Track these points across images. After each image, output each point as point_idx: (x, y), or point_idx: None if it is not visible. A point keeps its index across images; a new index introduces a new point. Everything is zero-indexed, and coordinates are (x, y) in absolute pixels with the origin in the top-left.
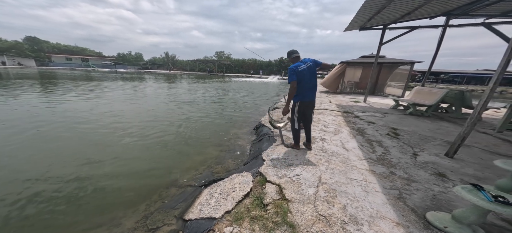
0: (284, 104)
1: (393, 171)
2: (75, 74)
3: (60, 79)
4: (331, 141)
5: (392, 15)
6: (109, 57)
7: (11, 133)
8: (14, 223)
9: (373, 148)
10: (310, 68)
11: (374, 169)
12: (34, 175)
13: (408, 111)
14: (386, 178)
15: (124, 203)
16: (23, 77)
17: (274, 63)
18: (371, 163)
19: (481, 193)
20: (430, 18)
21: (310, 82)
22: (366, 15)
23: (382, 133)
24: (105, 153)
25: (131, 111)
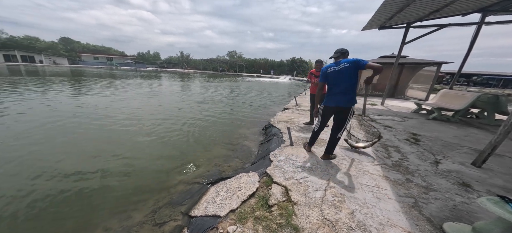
0: (293, 105)
1: (410, 178)
2: (100, 72)
3: (87, 77)
4: (340, 144)
5: (417, 12)
6: (130, 56)
7: (35, 126)
8: (28, 213)
9: (389, 153)
10: (344, 71)
11: (388, 175)
12: (51, 166)
13: (432, 116)
14: (402, 185)
15: (135, 197)
16: (56, 74)
17: (286, 63)
18: (386, 169)
19: (509, 206)
20: (462, 15)
21: (339, 86)
22: (387, 13)
23: (400, 138)
24: (119, 148)
25: (146, 109)
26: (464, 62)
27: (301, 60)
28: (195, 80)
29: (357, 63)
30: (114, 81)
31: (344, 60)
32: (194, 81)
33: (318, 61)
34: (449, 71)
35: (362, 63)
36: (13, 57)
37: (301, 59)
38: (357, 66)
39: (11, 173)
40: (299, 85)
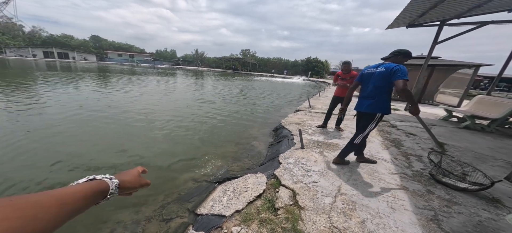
0: (306, 107)
1: (431, 190)
2: (123, 68)
3: (111, 73)
4: None
5: (454, 8)
6: (149, 53)
7: (63, 117)
8: None
9: (410, 162)
10: (377, 75)
11: (407, 185)
12: (69, 158)
13: (464, 124)
14: (421, 196)
15: (145, 191)
16: (86, 70)
17: (301, 63)
18: (404, 179)
19: None
20: (509, 11)
21: (366, 89)
22: (419, 9)
23: (424, 147)
24: (134, 142)
25: (161, 106)
26: (506, 64)
27: (317, 60)
28: (208, 78)
29: (391, 72)
30: (134, 77)
31: (386, 64)
32: (207, 79)
33: (346, 63)
34: (488, 75)
35: (394, 77)
36: (51, 54)
37: (317, 59)
38: (390, 75)
39: (35, 160)
40: (313, 86)
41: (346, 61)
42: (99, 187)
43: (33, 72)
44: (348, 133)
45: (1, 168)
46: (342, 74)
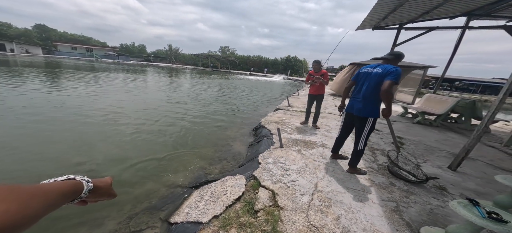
0: (286, 105)
1: (393, 181)
2: (78, 64)
3: (64, 69)
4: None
5: (409, 13)
6: (112, 47)
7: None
8: None
9: (375, 157)
10: (373, 76)
11: (374, 179)
12: (21, 167)
13: (416, 120)
14: (385, 189)
15: (109, 202)
16: (29, 65)
17: (281, 61)
18: (372, 173)
19: (476, 208)
20: (450, 18)
21: (359, 89)
22: (381, 13)
23: (387, 141)
24: (96, 149)
25: (128, 107)
26: (447, 66)
27: (296, 59)
28: (184, 76)
29: (387, 73)
30: (92, 74)
31: (384, 65)
32: (182, 78)
33: (316, 62)
34: (435, 76)
35: (387, 77)
36: None
37: (296, 58)
38: (384, 76)
39: None
40: (293, 85)
41: (317, 60)
42: (76, 188)
43: None
44: (324, 131)
45: None
46: (314, 73)
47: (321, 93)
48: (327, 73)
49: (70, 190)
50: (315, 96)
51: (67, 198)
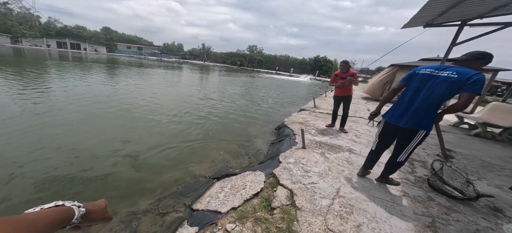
0: (311, 106)
1: (432, 196)
2: (131, 61)
3: (120, 65)
4: (360, 154)
5: (478, 7)
6: (157, 46)
7: (73, 110)
8: (47, 187)
9: (414, 168)
10: (443, 80)
11: (407, 191)
12: (75, 144)
13: (475, 132)
14: (421, 203)
15: (144, 184)
16: (95, 61)
17: (309, 61)
18: (406, 185)
19: None
20: None
21: (414, 97)
22: (439, 8)
23: (430, 152)
24: (137, 134)
25: (164, 99)
26: None
27: (326, 59)
28: (213, 73)
29: (466, 81)
30: (141, 70)
31: (460, 68)
32: (212, 74)
33: (344, 62)
34: (507, 81)
35: (468, 88)
36: (64, 44)
37: (326, 58)
38: (462, 84)
39: (53, 146)
40: (320, 86)
41: (345, 61)
42: (66, 215)
43: (45, 61)
44: (352, 135)
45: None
46: (341, 74)
47: (348, 94)
48: (356, 73)
49: (59, 217)
50: (341, 97)
51: (56, 226)
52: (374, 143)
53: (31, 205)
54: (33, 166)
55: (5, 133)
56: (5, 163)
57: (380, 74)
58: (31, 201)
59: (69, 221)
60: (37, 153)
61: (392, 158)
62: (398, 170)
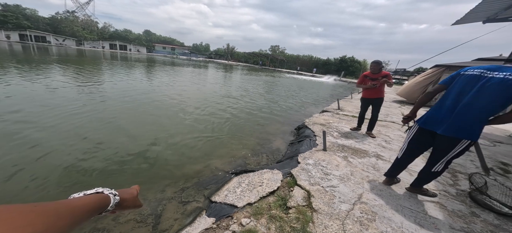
0: (334, 108)
1: (477, 212)
2: (165, 60)
3: (156, 63)
4: (389, 160)
5: None
6: (187, 47)
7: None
8: (90, 169)
9: (456, 180)
10: (496, 83)
11: (445, 204)
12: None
13: None
14: (461, 217)
15: (171, 172)
16: (137, 60)
17: (334, 61)
18: (444, 197)
19: None
20: None
21: (457, 102)
22: (507, 0)
23: (479, 165)
24: (166, 126)
25: (190, 95)
26: None
27: (353, 59)
28: (236, 71)
29: None
30: (173, 68)
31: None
32: (234, 73)
33: (375, 62)
34: None
35: None
36: (114, 46)
37: (354, 58)
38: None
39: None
40: (345, 87)
41: (376, 61)
42: (103, 203)
43: (101, 60)
44: (381, 140)
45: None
46: (371, 75)
47: (379, 96)
48: (390, 74)
49: (97, 205)
50: (371, 99)
51: (93, 213)
52: (402, 150)
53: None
54: (82, 145)
55: (72, 115)
56: (73, 140)
57: (421, 75)
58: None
59: (104, 209)
60: (88, 135)
61: (427, 167)
62: (434, 180)
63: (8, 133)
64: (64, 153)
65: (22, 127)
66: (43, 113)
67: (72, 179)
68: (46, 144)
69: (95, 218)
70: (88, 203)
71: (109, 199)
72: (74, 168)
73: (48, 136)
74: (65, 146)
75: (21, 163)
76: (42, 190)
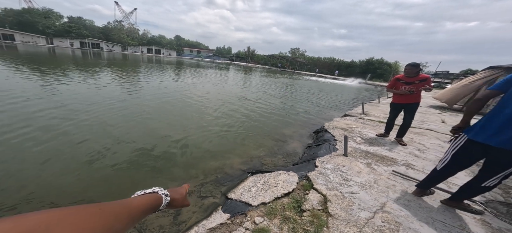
0: (358, 112)
1: None
2: (191, 62)
3: (184, 65)
4: (422, 170)
5: None
6: (211, 50)
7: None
8: (121, 162)
9: (508, 196)
10: None
11: (490, 222)
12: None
13: None
14: None
15: (192, 167)
16: (168, 63)
17: (359, 64)
18: (491, 213)
19: None
20: None
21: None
22: None
23: None
24: (191, 124)
25: (213, 97)
26: None
27: (382, 61)
28: (255, 74)
29: None
30: (198, 69)
31: None
32: (253, 75)
33: (412, 65)
34: None
35: None
36: (151, 50)
37: (383, 60)
38: None
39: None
40: (372, 91)
41: (413, 63)
42: (156, 203)
43: (140, 63)
44: (413, 149)
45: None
46: (406, 78)
47: (414, 101)
48: (430, 77)
49: (151, 205)
50: (404, 105)
51: (147, 213)
52: (443, 161)
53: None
54: (121, 134)
55: (115, 110)
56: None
57: (468, 79)
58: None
59: (157, 208)
60: (127, 128)
61: (475, 181)
62: (480, 195)
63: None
64: (98, 145)
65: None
66: (91, 107)
67: (102, 172)
68: (80, 134)
69: None
70: (144, 204)
71: (161, 200)
72: (103, 160)
73: (86, 126)
74: (101, 139)
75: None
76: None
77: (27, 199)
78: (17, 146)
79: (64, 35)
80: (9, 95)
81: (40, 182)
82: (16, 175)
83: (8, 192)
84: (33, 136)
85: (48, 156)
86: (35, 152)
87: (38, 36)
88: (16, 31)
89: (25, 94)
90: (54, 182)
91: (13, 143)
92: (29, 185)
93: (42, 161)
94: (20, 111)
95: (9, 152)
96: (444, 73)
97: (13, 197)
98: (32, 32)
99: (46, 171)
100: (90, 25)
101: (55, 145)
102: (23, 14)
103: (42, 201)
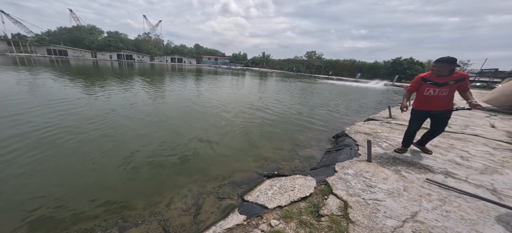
0: (384, 116)
1: None
2: (209, 69)
3: (203, 72)
4: (466, 180)
5: None
6: (227, 56)
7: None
8: (135, 166)
9: None
10: None
11: None
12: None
13: None
14: None
15: (212, 169)
16: (189, 71)
17: (384, 65)
18: None
19: None
20: None
21: None
22: None
23: None
24: (209, 130)
25: (231, 102)
26: None
27: (412, 61)
28: (270, 79)
29: None
30: (215, 76)
31: None
32: (269, 80)
33: (446, 60)
34: None
35: None
36: (174, 59)
37: (412, 60)
38: None
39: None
40: (400, 93)
41: (446, 58)
42: None
43: (165, 71)
44: (454, 155)
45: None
46: (435, 78)
47: (446, 108)
48: (468, 75)
49: None
50: (432, 113)
51: None
52: None
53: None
54: (145, 141)
55: (147, 114)
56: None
57: None
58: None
59: None
60: (151, 134)
61: None
62: None
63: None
64: (130, 149)
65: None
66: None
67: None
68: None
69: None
70: None
71: None
72: (134, 161)
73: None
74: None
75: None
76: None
77: None
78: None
79: (105, 48)
80: (70, 103)
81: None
82: None
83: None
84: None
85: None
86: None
87: (85, 51)
88: (68, 47)
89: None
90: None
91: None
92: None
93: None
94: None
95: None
96: (492, 71)
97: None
98: (80, 47)
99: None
100: (124, 38)
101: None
102: (74, 31)
103: None
